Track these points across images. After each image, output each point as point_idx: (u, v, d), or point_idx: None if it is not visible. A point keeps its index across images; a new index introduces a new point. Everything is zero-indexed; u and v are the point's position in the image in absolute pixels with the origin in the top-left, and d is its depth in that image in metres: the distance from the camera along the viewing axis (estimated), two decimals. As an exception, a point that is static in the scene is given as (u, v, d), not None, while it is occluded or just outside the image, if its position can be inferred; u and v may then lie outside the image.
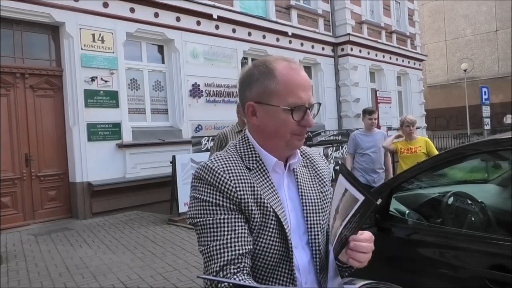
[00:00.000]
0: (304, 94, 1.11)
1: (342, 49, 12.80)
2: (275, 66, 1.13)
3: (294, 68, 1.13)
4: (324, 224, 1.21)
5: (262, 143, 1.16)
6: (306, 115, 1.12)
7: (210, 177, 1.08)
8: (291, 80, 1.11)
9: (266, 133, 1.15)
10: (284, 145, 1.15)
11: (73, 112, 7.03)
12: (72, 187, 7.07)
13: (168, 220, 6.72)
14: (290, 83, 1.11)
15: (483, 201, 2.54)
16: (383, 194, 2.54)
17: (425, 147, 5.03)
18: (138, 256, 4.98)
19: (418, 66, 16.61)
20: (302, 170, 1.24)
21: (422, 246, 2.35)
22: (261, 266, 1.09)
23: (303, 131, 1.14)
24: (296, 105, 1.10)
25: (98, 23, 7.29)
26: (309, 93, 1.13)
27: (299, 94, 1.10)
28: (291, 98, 1.10)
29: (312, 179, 1.25)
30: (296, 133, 1.13)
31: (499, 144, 2.42)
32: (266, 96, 1.12)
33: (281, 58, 1.16)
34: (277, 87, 1.11)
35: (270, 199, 1.11)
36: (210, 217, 1.06)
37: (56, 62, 7.16)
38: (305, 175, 1.24)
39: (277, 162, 1.15)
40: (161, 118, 8.58)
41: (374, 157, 5.29)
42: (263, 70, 1.13)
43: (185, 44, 8.61)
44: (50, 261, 4.86)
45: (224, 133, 4.17)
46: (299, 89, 1.11)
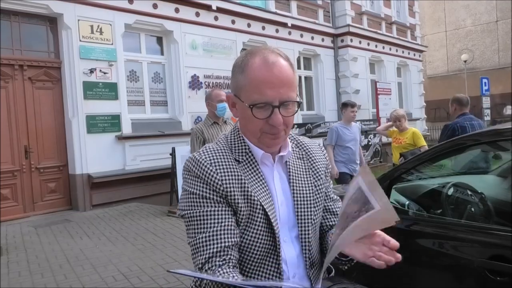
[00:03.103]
0: (271, 91, 1.04)
1: (342, 40, 12.73)
2: (250, 60, 1.08)
3: (268, 64, 1.06)
4: (316, 219, 1.19)
5: (246, 136, 1.15)
6: (273, 113, 1.05)
7: (197, 169, 1.07)
8: (257, 77, 1.05)
9: (243, 127, 1.15)
10: (257, 141, 1.12)
11: (72, 104, 7.00)
12: (72, 179, 7.08)
13: (168, 211, 6.74)
14: (256, 80, 1.05)
15: (483, 192, 2.54)
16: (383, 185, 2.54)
17: (412, 138, 5.34)
18: (138, 247, 4.99)
19: (418, 57, 16.54)
20: (296, 162, 1.21)
21: (422, 237, 2.35)
22: (248, 259, 1.09)
23: (273, 130, 1.08)
24: (257, 102, 1.05)
25: (97, 15, 7.23)
26: (280, 90, 1.05)
27: (264, 91, 1.04)
28: (255, 95, 1.05)
29: (307, 171, 1.22)
30: (266, 131, 1.08)
31: (499, 134, 2.42)
32: (238, 90, 1.10)
33: (263, 52, 1.10)
34: (245, 82, 1.08)
35: (258, 192, 1.09)
36: (197, 209, 1.05)
37: (54, 53, 7.12)
38: (299, 167, 1.21)
39: (264, 155, 1.13)
40: (160, 110, 8.56)
41: (354, 149, 5.58)
42: (240, 62, 1.11)
43: (184, 36, 8.56)
44: (50, 253, 4.88)
45: (199, 128, 4.09)
46: (265, 86, 1.04)
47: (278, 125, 1.07)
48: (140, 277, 4.05)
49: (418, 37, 17.06)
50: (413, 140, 5.34)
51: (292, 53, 11.23)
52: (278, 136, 1.10)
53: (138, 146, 7.73)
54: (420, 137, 5.40)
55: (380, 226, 0.91)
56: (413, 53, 16.06)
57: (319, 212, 1.21)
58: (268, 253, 1.09)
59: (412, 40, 16.20)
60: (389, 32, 14.81)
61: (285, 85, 1.06)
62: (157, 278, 4.01)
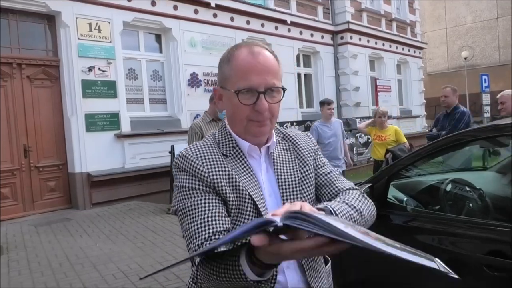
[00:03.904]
0: (256, 77, 1.07)
1: (341, 37, 12.70)
2: (235, 52, 1.12)
3: (252, 53, 1.09)
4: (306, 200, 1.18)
5: (233, 129, 1.17)
6: (258, 99, 1.07)
7: (184, 164, 1.09)
8: (242, 64, 1.08)
9: (230, 118, 1.17)
10: (244, 131, 1.13)
11: (70, 102, 6.99)
12: (72, 178, 7.08)
13: (168, 209, 6.73)
14: (241, 67, 1.08)
15: (482, 188, 2.53)
16: (381, 181, 2.54)
17: (394, 135, 5.73)
18: (138, 245, 5.00)
19: (418, 54, 16.50)
20: (281, 154, 1.22)
21: (420, 233, 2.35)
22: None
23: (259, 117, 1.09)
24: (242, 88, 1.07)
25: (95, 12, 7.21)
26: (266, 76, 1.08)
27: (249, 77, 1.07)
28: (240, 81, 1.07)
29: (293, 160, 1.22)
30: (252, 118, 1.10)
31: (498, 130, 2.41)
32: (224, 81, 1.13)
33: (248, 44, 1.13)
34: (231, 72, 1.10)
35: (247, 184, 1.10)
36: (187, 201, 1.06)
37: (52, 52, 7.10)
38: (284, 158, 1.21)
39: (250, 147, 1.15)
40: (159, 108, 8.55)
41: (335, 145, 5.73)
42: (226, 55, 1.14)
43: (183, 33, 8.54)
44: (50, 251, 4.88)
45: (197, 124, 4.14)
46: (251, 73, 1.07)
47: (264, 110, 1.08)
48: (140, 275, 4.05)
49: (418, 34, 17.02)
50: (396, 137, 5.72)
51: (292, 50, 11.21)
52: (264, 124, 1.12)
53: (137, 144, 7.72)
54: (402, 134, 5.82)
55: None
56: (413, 50, 16.03)
57: (308, 198, 1.20)
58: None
59: (412, 37, 16.17)
60: (389, 29, 14.78)
61: (270, 72, 1.09)
62: (157, 276, 4.01)
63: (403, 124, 13.73)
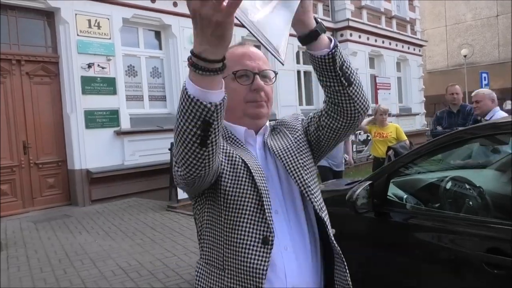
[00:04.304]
0: (250, 62, 1.15)
1: (341, 34, 12.68)
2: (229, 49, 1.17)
3: (244, 45, 1.21)
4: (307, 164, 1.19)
5: (228, 119, 1.18)
6: (254, 79, 1.14)
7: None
8: (236, 53, 1.17)
9: (226, 108, 1.15)
10: (243, 115, 1.17)
11: (70, 99, 6.98)
12: (71, 175, 7.07)
13: (167, 206, 6.74)
14: (235, 55, 1.17)
15: (481, 186, 2.53)
16: (381, 179, 2.54)
17: (395, 133, 5.79)
18: (137, 242, 5.00)
19: (418, 52, 16.49)
20: (274, 137, 1.25)
21: (420, 230, 2.36)
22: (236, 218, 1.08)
23: (256, 97, 1.15)
24: (239, 70, 1.14)
25: (94, 9, 7.19)
26: (258, 62, 1.16)
27: (243, 62, 1.15)
28: (236, 66, 1.15)
29: (284, 134, 1.26)
30: (250, 99, 1.15)
31: (498, 128, 2.42)
32: None
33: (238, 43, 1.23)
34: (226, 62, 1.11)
35: (240, 153, 1.12)
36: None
37: (52, 48, 7.09)
38: (275, 136, 1.25)
39: (247, 131, 1.18)
40: (159, 105, 8.54)
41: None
42: None
43: (183, 30, 8.51)
44: (49, 248, 4.89)
45: None
46: (244, 58, 1.16)
47: (260, 88, 1.15)
48: (139, 271, 4.07)
49: (418, 31, 17.00)
50: (396, 135, 5.78)
51: (292, 48, 11.19)
52: (261, 105, 1.17)
53: (136, 141, 7.72)
54: (402, 132, 5.90)
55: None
56: (413, 48, 16.01)
57: (307, 160, 1.20)
58: (254, 209, 1.07)
59: (412, 34, 16.14)
60: (389, 26, 14.75)
61: (261, 59, 1.18)
62: (156, 272, 4.03)
63: (403, 121, 13.73)
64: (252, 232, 1.06)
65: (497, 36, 23.74)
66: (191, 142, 0.89)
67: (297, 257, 1.12)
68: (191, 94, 0.84)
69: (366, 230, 2.64)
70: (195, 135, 0.88)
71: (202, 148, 0.90)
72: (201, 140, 0.88)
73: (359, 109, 1.14)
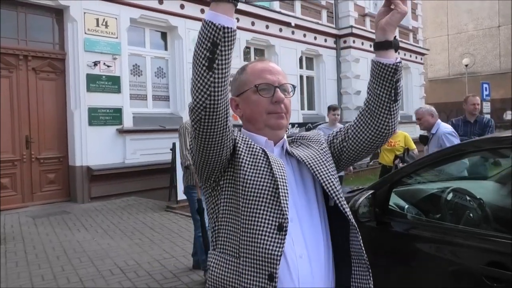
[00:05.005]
0: (270, 76, 1.23)
1: (344, 41, 12.74)
2: (247, 65, 1.30)
3: (263, 61, 1.30)
4: (334, 174, 1.25)
5: (250, 129, 1.27)
6: (275, 92, 1.22)
7: None
8: (256, 67, 1.26)
9: (248, 119, 1.26)
10: (264, 125, 1.24)
11: (74, 96, 7.01)
12: (72, 171, 7.09)
13: (166, 207, 6.75)
14: (256, 70, 1.26)
15: (482, 198, 2.56)
16: (383, 188, 2.57)
17: (404, 141, 5.79)
18: (136, 242, 5.01)
19: (419, 60, 16.56)
20: (295, 148, 1.32)
21: (421, 241, 2.38)
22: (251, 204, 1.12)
23: (277, 108, 1.22)
24: (261, 83, 1.22)
25: (103, 8, 7.24)
26: (278, 76, 1.24)
27: (264, 76, 1.23)
28: (257, 80, 1.23)
29: (308, 145, 1.32)
30: (271, 111, 1.22)
31: (500, 142, 2.45)
32: (241, 87, 1.26)
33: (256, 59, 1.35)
34: (246, 76, 1.26)
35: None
36: None
37: (59, 45, 7.12)
38: (298, 149, 1.31)
39: (267, 142, 1.24)
40: (162, 105, 8.57)
41: None
42: (238, 70, 1.32)
43: (189, 32, 8.56)
44: (48, 244, 4.90)
45: (189, 123, 4.11)
46: (265, 73, 1.24)
47: (281, 100, 1.22)
48: (137, 271, 4.08)
49: (420, 40, 17.07)
50: (405, 143, 5.75)
51: (295, 53, 11.24)
52: (282, 116, 1.24)
53: (138, 140, 7.74)
54: (411, 140, 5.85)
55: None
56: (414, 56, 16.08)
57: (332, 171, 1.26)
58: (271, 197, 1.12)
59: (414, 43, 16.21)
60: (392, 34, 14.78)
61: (280, 74, 1.26)
62: (154, 273, 4.03)
63: (403, 129, 13.66)
64: (268, 219, 1.11)
65: (498, 46, 23.84)
66: (200, 65, 1.01)
67: (311, 264, 1.15)
68: (206, 19, 1.00)
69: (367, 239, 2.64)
70: (204, 58, 1.00)
71: (209, 73, 1.00)
72: (208, 62, 1.00)
73: (389, 127, 1.26)
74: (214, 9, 1.01)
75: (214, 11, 1.01)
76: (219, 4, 1.02)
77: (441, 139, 4.18)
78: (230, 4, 1.04)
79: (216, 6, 1.02)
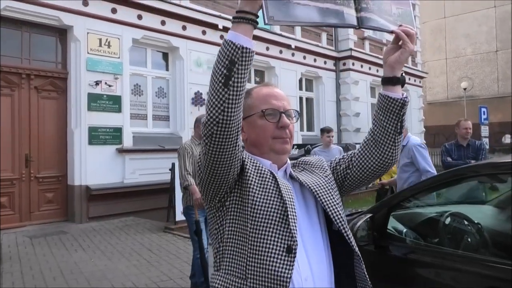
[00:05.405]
0: (276, 101, 1.27)
1: (344, 63, 12.91)
2: (252, 89, 1.34)
3: (268, 86, 1.34)
4: (338, 202, 1.27)
5: (254, 152, 1.29)
6: (281, 117, 1.25)
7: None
8: (262, 93, 1.30)
9: (253, 143, 1.28)
10: (269, 150, 1.26)
11: (75, 114, 7.06)
12: (70, 190, 7.07)
13: (165, 227, 6.71)
14: (262, 94, 1.29)
15: (480, 222, 2.56)
16: (381, 212, 2.57)
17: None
18: (133, 263, 4.96)
19: (418, 83, 16.73)
20: (299, 173, 1.33)
21: (419, 265, 2.37)
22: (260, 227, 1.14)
23: (282, 133, 1.26)
24: (267, 108, 1.25)
25: (106, 28, 7.37)
26: (283, 102, 1.28)
27: (270, 101, 1.27)
28: (263, 105, 1.26)
29: (312, 171, 1.34)
30: (276, 136, 1.25)
31: (498, 167, 2.47)
32: (246, 111, 1.26)
33: (261, 84, 1.37)
34: (252, 101, 1.29)
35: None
36: None
37: (62, 64, 7.22)
38: (301, 174, 1.33)
39: (272, 165, 1.26)
40: (162, 125, 8.62)
41: None
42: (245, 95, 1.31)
43: (190, 53, 8.69)
44: (44, 264, 4.85)
45: (188, 145, 4.18)
46: (271, 98, 1.28)
47: (287, 125, 1.25)
48: (134, 293, 4.03)
49: (419, 63, 17.30)
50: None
51: (295, 74, 11.38)
52: (287, 141, 1.27)
53: (138, 160, 7.75)
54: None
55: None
56: (413, 79, 16.25)
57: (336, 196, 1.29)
58: (280, 219, 1.14)
59: (413, 66, 16.42)
60: (391, 57, 14.97)
61: (285, 99, 1.30)
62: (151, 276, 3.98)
63: (402, 151, 13.77)
64: (277, 241, 1.12)
65: (496, 70, 24.13)
66: (217, 81, 1.04)
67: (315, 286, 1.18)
68: (227, 38, 1.05)
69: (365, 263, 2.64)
70: (221, 74, 1.03)
71: (225, 89, 1.03)
72: (225, 79, 1.03)
73: (393, 157, 1.29)
74: (235, 30, 1.06)
75: (234, 31, 1.05)
76: (239, 25, 1.07)
77: (411, 150, 4.37)
78: (249, 25, 1.08)
79: (236, 26, 1.07)
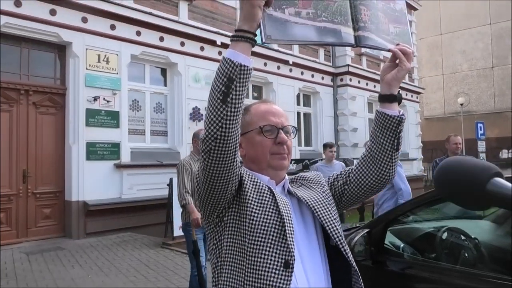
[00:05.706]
0: (274, 118, 1.29)
1: (341, 79, 13.02)
2: (251, 105, 1.36)
3: (266, 103, 1.36)
4: (336, 218, 1.28)
5: (252, 168, 1.30)
6: (279, 133, 1.27)
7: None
8: (260, 109, 1.32)
9: (251, 159, 1.30)
10: (267, 166, 1.28)
11: (73, 130, 7.08)
12: (67, 206, 7.04)
13: (162, 243, 6.67)
14: (260, 111, 1.31)
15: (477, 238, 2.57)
16: (378, 227, 2.58)
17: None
18: (131, 279, 4.93)
19: (415, 99, 16.86)
20: (297, 188, 1.35)
21: (416, 281, 2.37)
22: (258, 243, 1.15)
23: (280, 149, 1.27)
24: (265, 124, 1.27)
25: (104, 44, 7.44)
26: (281, 118, 1.30)
27: (268, 118, 1.29)
28: (261, 121, 1.28)
29: (310, 187, 1.35)
30: (274, 152, 1.27)
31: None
32: (244, 128, 1.28)
33: (259, 101, 1.40)
34: (251, 117, 1.31)
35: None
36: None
37: (60, 80, 7.26)
38: (299, 189, 1.34)
39: (270, 181, 1.27)
40: (160, 140, 8.64)
41: None
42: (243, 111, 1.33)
43: (188, 68, 8.76)
44: (41, 281, 4.80)
45: (187, 161, 4.17)
46: (269, 115, 1.30)
47: (285, 141, 1.27)
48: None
49: (416, 79, 17.46)
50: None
51: (292, 90, 11.46)
52: (284, 157, 1.28)
53: (135, 175, 7.74)
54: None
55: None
56: (410, 94, 16.38)
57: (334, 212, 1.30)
58: (277, 234, 1.15)
59: (410, 81, 16.56)
60: (388, 73, 15.11)
61: (283, 116, 1.32)
62: None
63: (400, 166, 13.79)
64: (274, 256, 1.13)
65: (492, 86, 24.35)
66: (216, 98, 1.06)
67: None
68: (225, 56, 1.07)
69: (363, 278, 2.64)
70: (220, 91, 1.05)
71: (223, 105, 1.05)
72: (223, 96, 1.05)
73: (390, 174, 1.31)
74: (233, 48, 1.08)
75: (233, 49, 1.07)
76: (238, 43, 1.09)
77: None
78: (248, 43, 1.10)
79: (235, 45, 1.09)
